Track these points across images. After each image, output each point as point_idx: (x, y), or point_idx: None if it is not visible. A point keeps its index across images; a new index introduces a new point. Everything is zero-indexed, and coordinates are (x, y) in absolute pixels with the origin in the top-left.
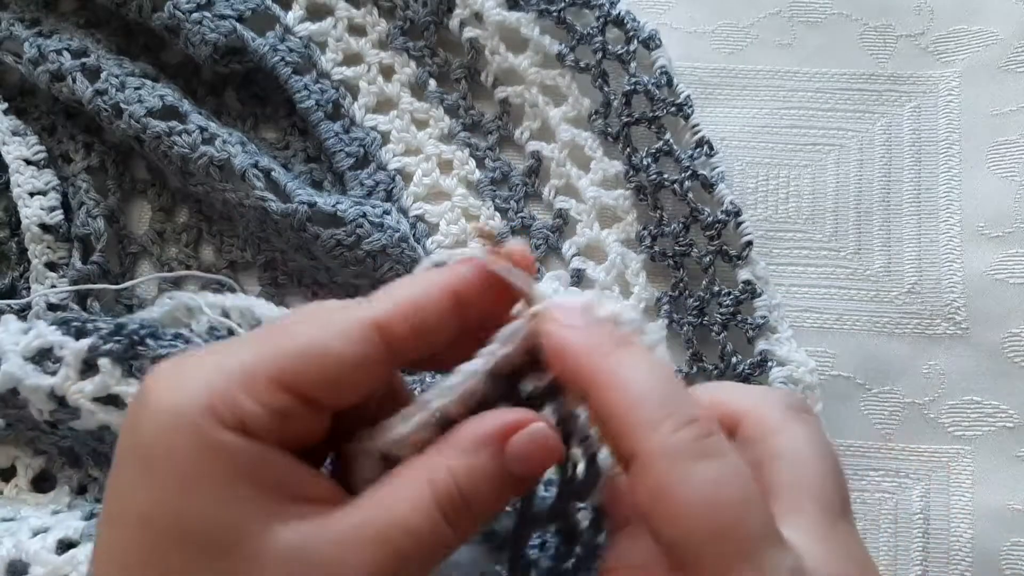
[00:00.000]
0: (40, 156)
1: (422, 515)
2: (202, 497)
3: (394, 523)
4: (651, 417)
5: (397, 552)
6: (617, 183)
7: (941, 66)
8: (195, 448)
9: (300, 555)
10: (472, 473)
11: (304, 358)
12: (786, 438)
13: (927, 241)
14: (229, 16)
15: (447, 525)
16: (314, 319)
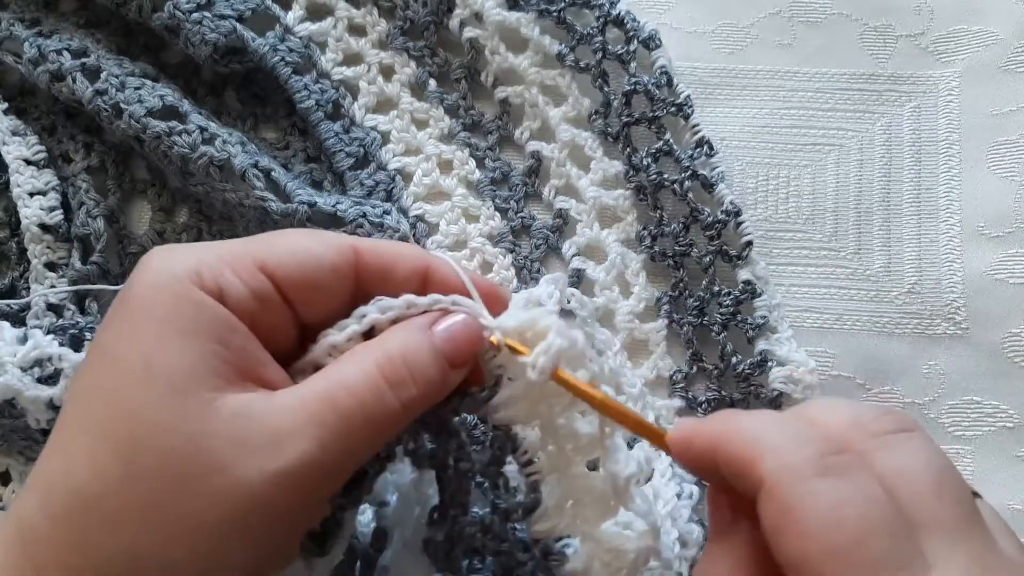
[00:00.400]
0: (40, 156)
1: (365, 376)
2: (172, 343)
3: (338, 383)
4: (773, 442)
5: (339, 411)
6: (617, 183)
7: (941, 66)
8: (174, 301)
9: (244, 416)
10: (408, 343)
11: (288, 252)
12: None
13: (927, 241)
14: (229, 16)
15: (389, 389)
16: (305, 231)
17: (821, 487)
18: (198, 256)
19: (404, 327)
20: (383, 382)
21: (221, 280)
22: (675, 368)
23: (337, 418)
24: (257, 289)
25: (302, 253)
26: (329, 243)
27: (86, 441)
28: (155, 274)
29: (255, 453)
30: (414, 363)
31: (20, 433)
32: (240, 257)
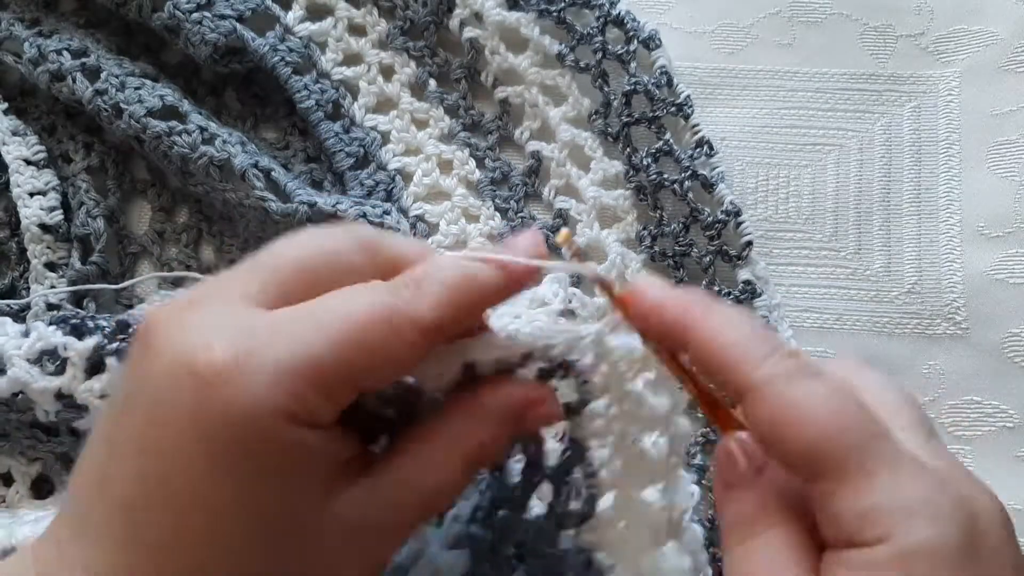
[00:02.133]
0: (40, 156)
1: (454, 478)
2: (277, 489)
3: (432, 487)
4: (759, 351)
5: (432, 509)
6: (617, 183)
7: (941, 66)
8: (270, 449)
9: (357, 519)
10: (495, 442)
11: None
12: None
13: (927, 241)
14: (229, 16)
15: (464, 479)
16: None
17: (814, 384)
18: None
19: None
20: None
21: (311, 407)
22: None
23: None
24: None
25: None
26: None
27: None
28: (239, 416)
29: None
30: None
31: (24, 431)
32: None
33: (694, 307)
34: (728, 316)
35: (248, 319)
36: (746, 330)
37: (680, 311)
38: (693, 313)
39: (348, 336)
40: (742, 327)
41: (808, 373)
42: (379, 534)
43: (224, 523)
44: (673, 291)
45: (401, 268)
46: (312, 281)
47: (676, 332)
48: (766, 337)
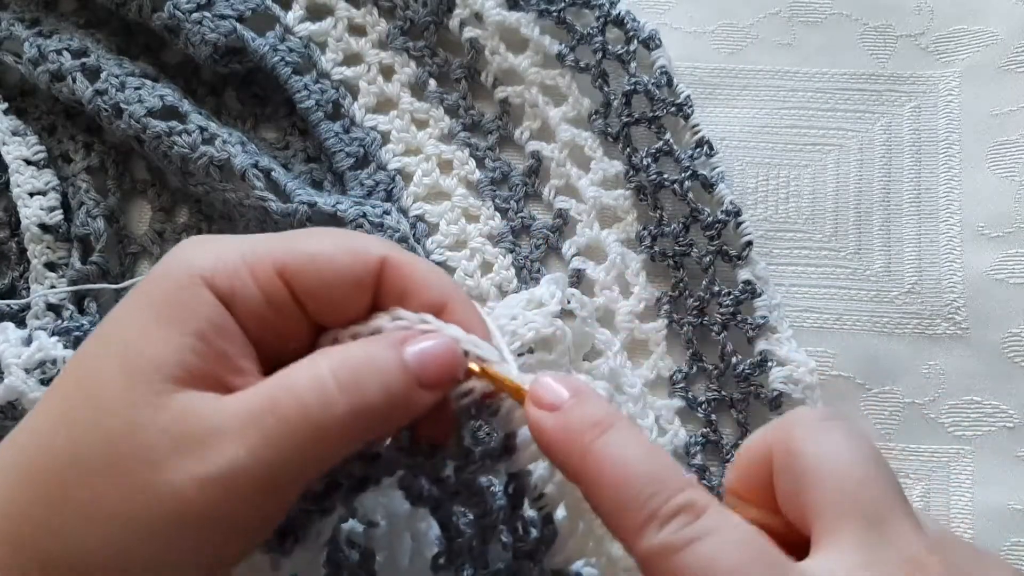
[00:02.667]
0: (40, 156)
1: (313, 380)
2: (151, 330)
3: (283, 386)
4: (635, 521)
5: (278, 415)
6: (617, 183)
7: (941, 66)
8: (173, 291)
9: (189, 414)
10: (373, 351)
11: (309, 259)
12: (810, 456)
13: (927, 241)
14: (229, 16)
15: (339, 394)
16: (337, 233)
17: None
18: (219, 254)
19: (375, 338)
20: (333, 386)
21: (235, 281)
22: (675, 368)
23: (275, 422)
24: (271, 295)
25: (323, 262)
26: (356, 252)
27: (55, 410)
28: (173, 263)
29: (187, 454)
30: (374, 370)
31: None
32: (261, 259)
33: (582, 445)
34: (615, 448)
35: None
36: (630, 469)
37: (569, 454)
38: (581, 457)
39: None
40: (627, 464)
41: (690, 538)
42: (215, 442)
43: (102, 356)
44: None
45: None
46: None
47: (565, 471)
48: (653, 484)
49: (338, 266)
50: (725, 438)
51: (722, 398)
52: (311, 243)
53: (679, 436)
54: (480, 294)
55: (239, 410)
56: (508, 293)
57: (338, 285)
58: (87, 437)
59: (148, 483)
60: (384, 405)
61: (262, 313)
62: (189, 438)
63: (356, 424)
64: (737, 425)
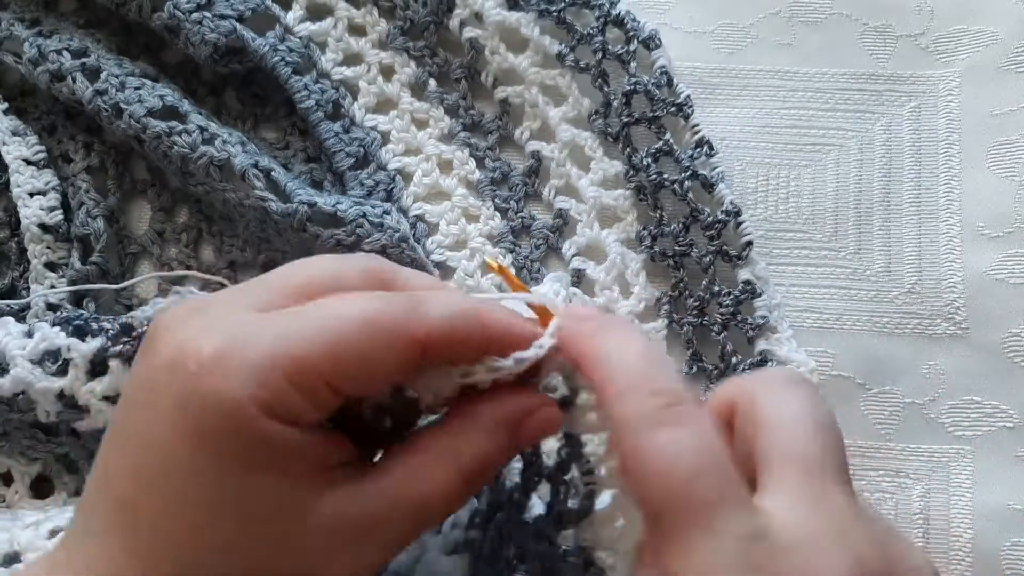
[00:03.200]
0: (40, 156)
1: (449, 488)
2: (255, 481)
3: (425, 496)
4: (625, 386)
5: (426, 519)
6: (617, 183)
7: (941, 66)
8: (248, 438)
9: (343, 521)
10: (492, 452)
11: (352, 365)
12: (770, 408)
13: (927, 241)
14: (229, 16)
15: (466, 492)
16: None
17: (670, 433)
18: (257, 374)
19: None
20: (464, 490)
21: (288, 403)
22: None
23: (423, 526)
24: (320, 399)
25: (370, 363)
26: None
27: None
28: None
29: (345, 552)
30: (491, 468)
31: (25, 431)
32: (303, 372)
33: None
34: (619, 341)
35: (243, 318)
36: (629, 357)
37: (575, 332)
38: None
39: (334, 335)
40: (626, 353)
41: (664, 419)
42: (366, 539)
43: (206, 515)
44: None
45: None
46: (311, 293)
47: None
48: (646, 368)
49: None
50: None
51: None
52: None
53: None
54: (480, 295)
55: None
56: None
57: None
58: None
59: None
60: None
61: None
62: (346, 535)
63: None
64: None
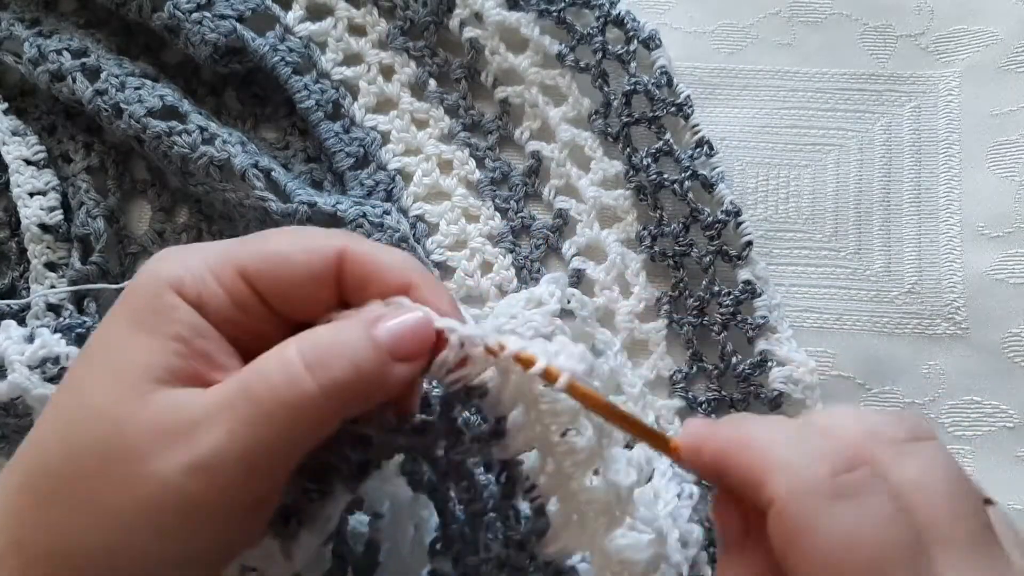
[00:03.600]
0: (40, 156)
1: (281, 362)
2: (133, 339)
3: (255, 370)
4: (784, 458)
5: (250, 398)
6: (617, 183)
7: (941, 66)
8: (149, 302)
9: (172, 408)
10: (341, 329)
11: (265, 260)
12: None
13: (927, 241)
14: (229, 16)
15: (306, 372)
16: (294, 232)
17: (835, 511)
18: (185, 262)
19: (344, 319)
20: (300, 366)
21: (202, 288)
22: (675, 368)
23: (247, 405)
24: (237, 297)
25: (280, 261)
26: (312, 249)
27: (47, 419)
28: (144, 275)
29: (171, 445)
30: (340, 347)
31: (23, 435)
32: (223, 264)
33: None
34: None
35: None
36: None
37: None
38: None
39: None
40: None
41: (839, 490)
42: (187, 434)
43: (88, 365)
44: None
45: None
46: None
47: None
48: (802, 437)
49: (295, 264)
50: None
51: (722, 398)
52: (269, 244)
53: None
54: (480, 294)
55: (216, 399)
56: (508, 293)
57: (297, 282)
58: (79, 440)
59: (137, 475)
60: (354, 380)
61: (232, 315)
62: (172, 429)
63: (329, 401)
64: None
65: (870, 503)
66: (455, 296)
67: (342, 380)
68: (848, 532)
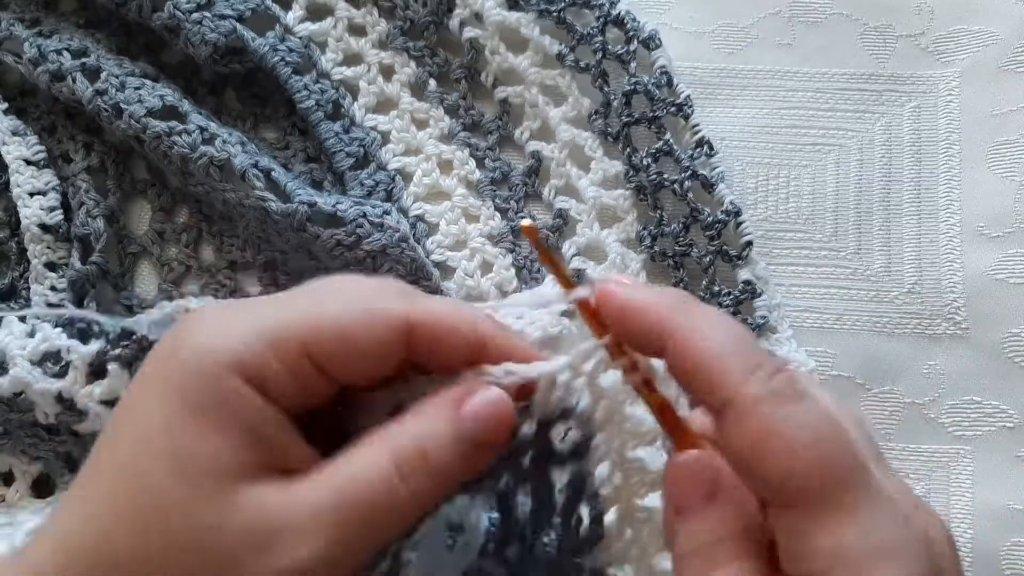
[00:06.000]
0: (40, 156)
1: (377, 472)
2: (201, 430)
3: (350, 477)
4: (744, 365)
5: (349, 507)
6: (617, 183)
7: (941, 66)
8: (211, 389)
9: (259, 510)
10: (428, 433)
11: (334, 335)
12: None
13: (927, 241)
14: (229, 16)
15: (402, 484)
16: (353, 297)
17: (801, 408)
18: (242, 336)
19: (429, 411)
20: (395, 476)
21: (265, 370)
22: None
23: (342, 513)
24: (299, 375)
25: (346, 335)
26: (379, 320)
27: (106, 506)
28: (194, 349)
29: (266, 551)
30: (433, 455)
31: (26, 430)
32: (285, 341)
33: (676, 310)
34: (713, 321)
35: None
36: (732, 338)
37: (661, 314)
38: (675, 317)
39: (319, 309)
40: (728, 334)
41: (795, 395)
42: (282, 541)
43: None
44: (652, 291)
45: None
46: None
47: (653, 337)
48: (753, 348)
49: (363, 339)
50: None
51: None
52: (328, 312)
53: None
54: (480, 294)
55: (308, 505)
56: (508, 293)
57: (366, 356)
58: (152, 536)
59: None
60: (446, 482)
61: (293, 392)
62: (263, 535)
63: (418, 502)
64: None
65: (822, 404)
66: (456, 297)
67: (434, 487)
68: (813, 426)
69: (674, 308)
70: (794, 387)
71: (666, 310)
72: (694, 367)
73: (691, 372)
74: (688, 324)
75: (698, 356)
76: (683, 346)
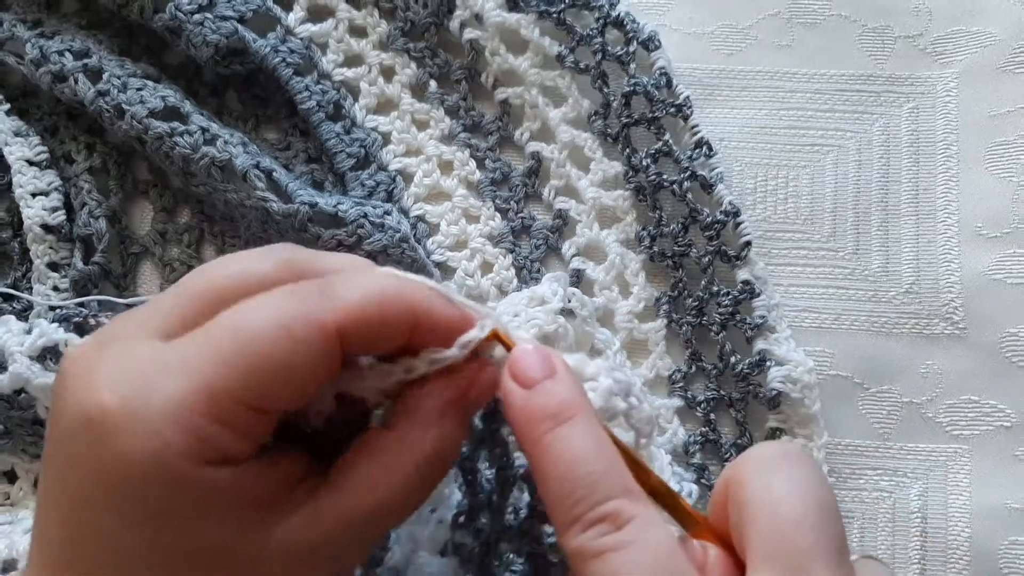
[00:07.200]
0: (42, 157)
1: (409, 487)
2: (195, 531)
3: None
4: (564, 519)
5: (388, 522)
6: (617, 183)
7: (939, 67)
8: (175, 490)
9: (300, 547)
10: (444, 439)
11: (269, 378)
12: (753, 490)
13: (925, 241)
14: (230, 17)
15: (422, 485)
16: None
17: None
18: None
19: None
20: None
21: (215, 442)
22: (674, 368)
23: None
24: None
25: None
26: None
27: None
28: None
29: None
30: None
31: (27, 428)
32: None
33: (535, 430)
34: (562, 454)
35: (143, 356)
36: (573, 476)
37: (523, 427)
38: (532, 438)
39: (242, 354)
40: (571, 471)
41: (603, 548)
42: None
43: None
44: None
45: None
46: (216, 302)
47: (523, 450)
48: (590, 487)
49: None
50: (724, 437)
51: (721, 397)
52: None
53: (678, 435)
54: (480, 294)
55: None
56: (508, 293)
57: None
58: None
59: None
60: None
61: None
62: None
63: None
64: (736, 424)
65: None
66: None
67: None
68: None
69: (535, 427)
70: (608, 538)
71: (529, 427)
72: (544, 503)
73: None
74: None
75: (543, 493)
76: (536, 475)
